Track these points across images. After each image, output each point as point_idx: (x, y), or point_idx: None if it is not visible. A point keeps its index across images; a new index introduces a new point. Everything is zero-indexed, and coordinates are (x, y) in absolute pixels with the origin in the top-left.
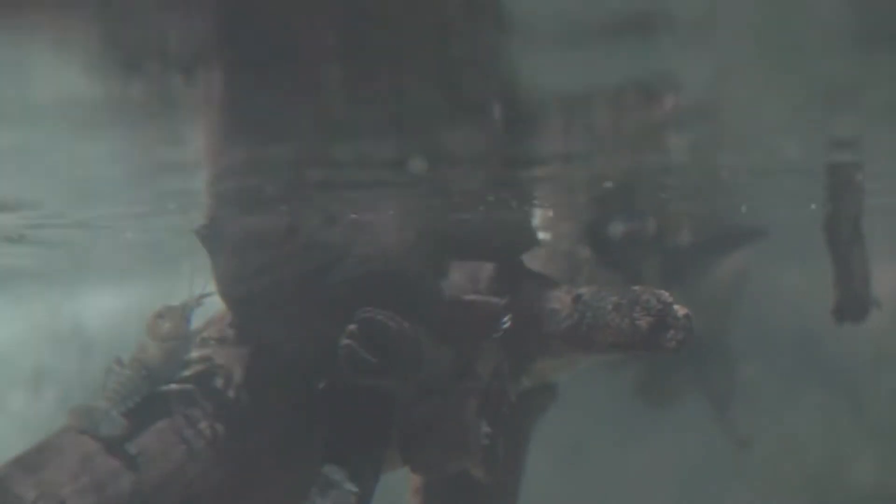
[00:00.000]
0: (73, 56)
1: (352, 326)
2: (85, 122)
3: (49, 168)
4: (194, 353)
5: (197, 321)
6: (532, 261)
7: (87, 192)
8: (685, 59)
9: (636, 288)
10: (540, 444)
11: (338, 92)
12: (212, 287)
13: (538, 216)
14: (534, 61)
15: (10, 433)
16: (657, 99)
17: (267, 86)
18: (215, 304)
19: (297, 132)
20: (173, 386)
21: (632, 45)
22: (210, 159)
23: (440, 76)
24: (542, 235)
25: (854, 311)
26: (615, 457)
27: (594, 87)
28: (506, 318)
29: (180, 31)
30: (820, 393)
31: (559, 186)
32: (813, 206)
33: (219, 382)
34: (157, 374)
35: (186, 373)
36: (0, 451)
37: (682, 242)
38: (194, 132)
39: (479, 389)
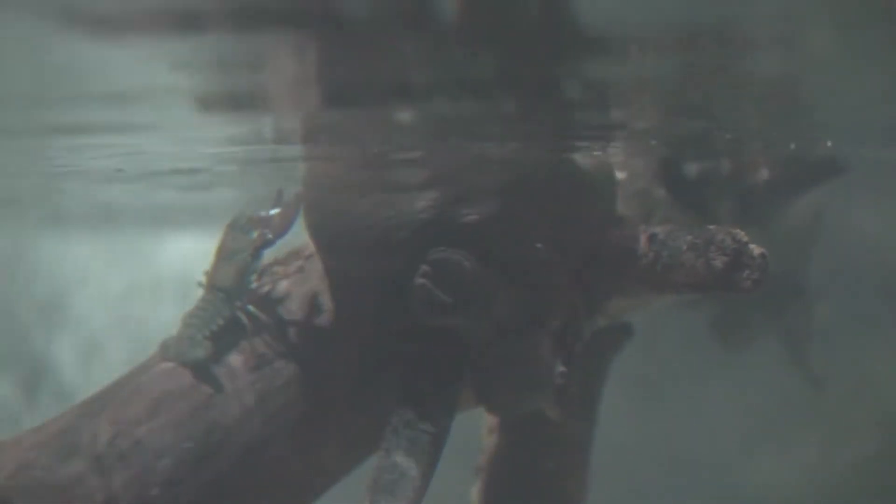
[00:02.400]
0: None
1: (425, 266)
2: None
3: None
4: (266, 268)
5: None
6: None
7: None
8: None
9: (711, 227)
10: (615, 383)
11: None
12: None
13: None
14: None
15: None
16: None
17: None
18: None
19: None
20: (250, 308)
21: None
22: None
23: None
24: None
25: None
26: (690, 397)
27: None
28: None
29: None
30: None
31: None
32: (829, 143)
33: (297, 312)
34: (234, 294)
35: (255, 286)
36: None
37: (758, 181)
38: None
39: (554, 329)
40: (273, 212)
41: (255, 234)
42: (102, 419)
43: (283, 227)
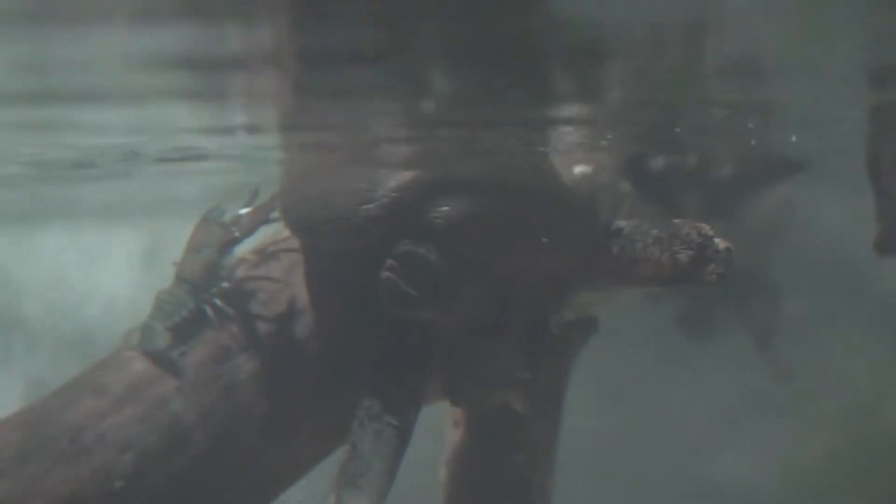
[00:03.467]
0: None
1: (391, 260)
2: None
3: None
4: (234, 262)
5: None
6: None
7: None
8: None
9: (676, 221)
10: (581, 376)
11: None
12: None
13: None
14: None
15: None
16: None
17: None
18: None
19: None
20: (217, 302)
21: None
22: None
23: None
24: (581, 169)
25: None
26: (656, 390)
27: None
28: None
29: None
30: (862, 327)
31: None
32: (794, 139)
33: (262, 306)
34: (200, 287)
35: (225, 284)
36: None
37: (723, 175)
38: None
39: (521, 322)
40: (243, 211)
41: (223, 231)
42: (68, 412)
43: (250, 227)
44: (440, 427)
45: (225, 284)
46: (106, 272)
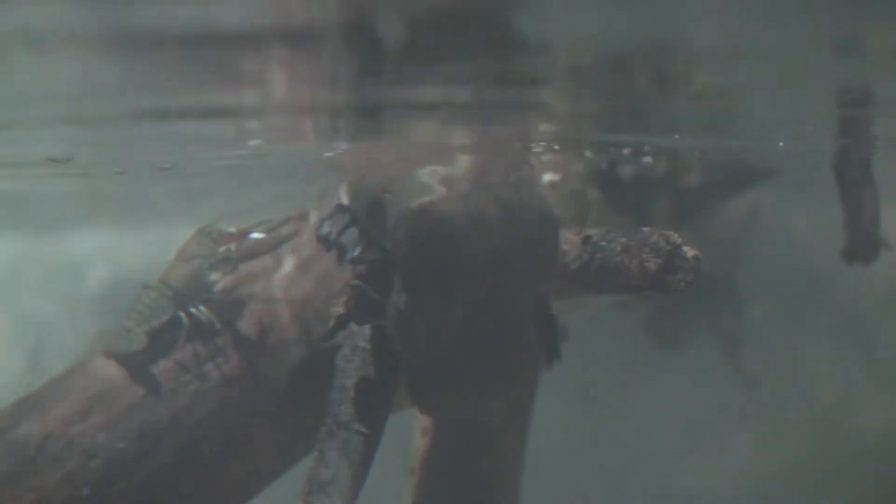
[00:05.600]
0: None
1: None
2: None
3: None
4: (217, 276)
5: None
6: None
7: None
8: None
9: (645, 229)
10: (549, 384)
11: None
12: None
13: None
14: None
15: None
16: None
17: None
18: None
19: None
20: (192, 310)
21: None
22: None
23: None
24: (550, 176)
25: (864, 251)
26: (624, 398)
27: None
28: None
29: None
30: (829, 334)
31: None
32: (781, 144)
33: (238, 318)
34: (181, 295)
35: (208, 296)
36: None
37: (691, 183)
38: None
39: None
40: (254, 235)
41: (222, 249)
42: (36, 419)
43: (250, 254)
44: (408, 435)
45: (208, 297)
46: None
